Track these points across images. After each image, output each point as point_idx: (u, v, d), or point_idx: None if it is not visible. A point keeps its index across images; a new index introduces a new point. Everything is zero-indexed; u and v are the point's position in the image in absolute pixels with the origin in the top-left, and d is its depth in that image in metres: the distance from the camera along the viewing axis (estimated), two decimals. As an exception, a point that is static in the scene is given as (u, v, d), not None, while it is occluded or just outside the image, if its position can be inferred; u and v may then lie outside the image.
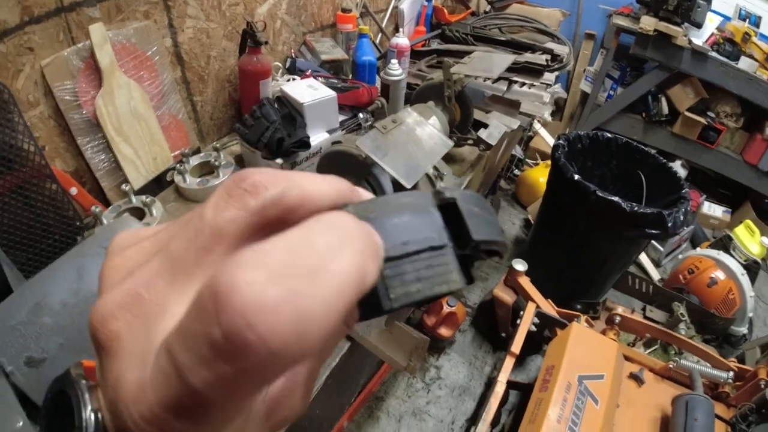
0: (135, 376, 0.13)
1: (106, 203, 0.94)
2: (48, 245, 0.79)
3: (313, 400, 0.63)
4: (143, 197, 0.91)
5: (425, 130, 0.75)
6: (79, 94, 0.84)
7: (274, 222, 0.14)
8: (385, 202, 0.15)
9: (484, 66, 1.04)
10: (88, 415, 0.16)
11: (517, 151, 2.41)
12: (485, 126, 1.06)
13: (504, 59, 1.12)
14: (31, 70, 0.77)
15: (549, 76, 1.43)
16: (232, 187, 0.14)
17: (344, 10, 1.30)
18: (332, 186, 0.16)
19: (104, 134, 0.88)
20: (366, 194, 0.17)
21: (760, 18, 2.39)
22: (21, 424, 0.52)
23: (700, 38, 2.26)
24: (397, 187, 0.75)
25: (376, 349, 0.60)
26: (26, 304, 0.54)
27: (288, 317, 0.11)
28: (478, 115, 1.13)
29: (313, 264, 0.12)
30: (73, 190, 0.84)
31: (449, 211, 0.16)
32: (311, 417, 0.66)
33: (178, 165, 0.97)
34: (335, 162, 0.79)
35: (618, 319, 1.25)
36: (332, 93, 0.99)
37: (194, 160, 1.01)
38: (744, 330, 1.84)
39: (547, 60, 1.48)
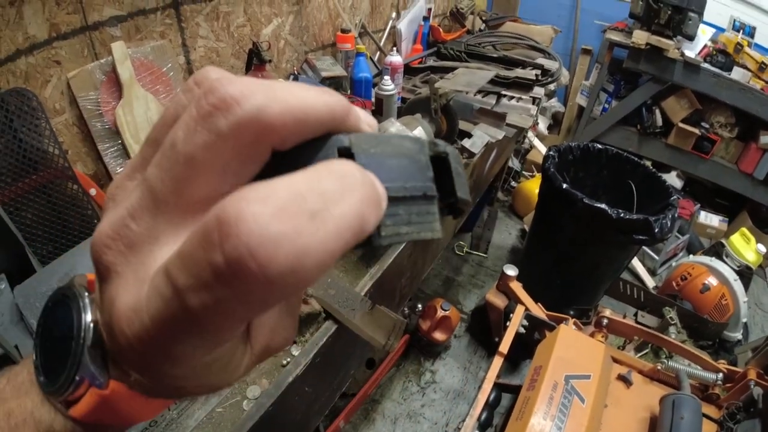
0: (129, 299, 0.14)
1: (122, 205, 1.02)
2: (67, 240, 0.85)
3: (303, 377, 0.70)
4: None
5: (407, 137, 0.82)
6: (101, 104, 0.93)
7: (255, 145, 0.13)
8: (387, 141, 0.15)
9: (465, 81, 1.12)
10: (87, 323, 0.16)
11: (515, 163, 2.48)
12: (470, 136, 1.14)
13: (485, 74, 1.20)
14: (58, 80, 0.86)
15: (538, 90, 1.51)
16: (200, 103, 0.13)
17: (344, 31, 1.40)
18: (325, 103, 0.14)
19: (123, 141, 0.97)
20: (364, 116, 0.16)
21: (754, 28, 2.42)
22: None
23: (692, 50, 2.29)
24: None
25: (359, 330, 0.66)
26: (56, 274, 0.62)
27: (287, 251, 0.11)
28: (466, 126, 1.20)
29: (315, 206, 0.12)
30: (93, 191, 0.91)
31: (437, 162, 0.17)
32: (301, 394, 0.73)
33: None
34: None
35: (605, 321, 1.28)
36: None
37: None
38: (738, 335, 1.83)
39: (536, 75, 1.56)
